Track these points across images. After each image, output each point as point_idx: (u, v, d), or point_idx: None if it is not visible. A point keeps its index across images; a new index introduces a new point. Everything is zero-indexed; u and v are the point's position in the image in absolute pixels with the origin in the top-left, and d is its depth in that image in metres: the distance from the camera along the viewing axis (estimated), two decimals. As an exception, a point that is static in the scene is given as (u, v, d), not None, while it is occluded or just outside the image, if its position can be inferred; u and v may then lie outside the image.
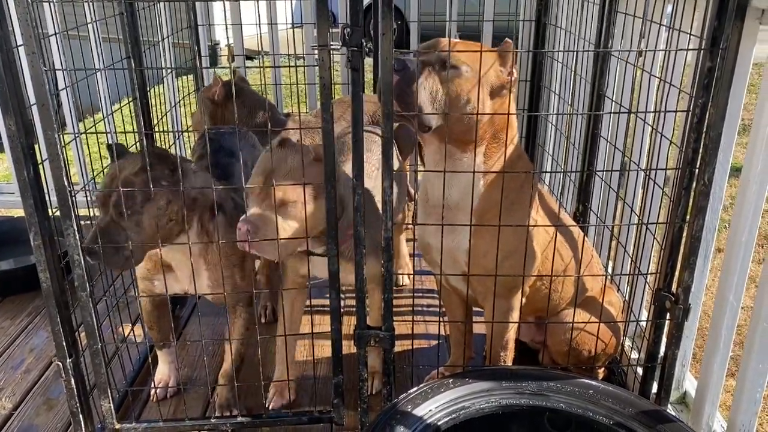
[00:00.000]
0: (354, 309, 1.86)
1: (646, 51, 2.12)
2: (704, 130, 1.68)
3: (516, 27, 3.37)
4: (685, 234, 1.79)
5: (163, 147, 2.38)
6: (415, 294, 2.95)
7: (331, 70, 1.57)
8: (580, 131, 2.65)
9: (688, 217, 1.77)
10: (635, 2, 2.16)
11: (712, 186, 1.73)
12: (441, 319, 2.48)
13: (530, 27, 3.17)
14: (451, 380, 1.80)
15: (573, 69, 2.78)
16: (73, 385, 1.83)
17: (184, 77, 3.64)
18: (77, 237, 1.68)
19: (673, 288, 1.86)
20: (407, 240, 3.16)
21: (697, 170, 1.72)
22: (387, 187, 1.68)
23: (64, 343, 1.79)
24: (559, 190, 3.14)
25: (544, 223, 1.95)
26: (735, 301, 1.79)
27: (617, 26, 2.32)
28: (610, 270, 2.50)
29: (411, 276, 3.03)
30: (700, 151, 1.71)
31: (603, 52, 2.31)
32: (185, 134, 3.40)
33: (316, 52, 1.55)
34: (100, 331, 1.81)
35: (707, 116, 1.67)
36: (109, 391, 1.87)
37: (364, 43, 1.55)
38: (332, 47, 1.54)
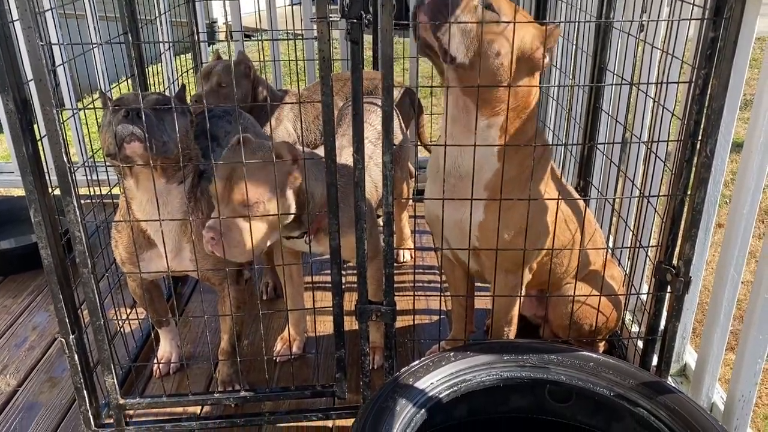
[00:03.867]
0: (355, 285, 1.86)
1: (648, 21, 2.09)
2: (707, 101, 1.67)
3: (516, 0, 3.33)
4: (686, 206, 1.78)
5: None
6: (416, 270, 2.96)
7: (329, 43, 1.55)
8: (581, 105, 2.64)
9: (689, 189, 1.77)
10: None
11: (714, 158, 1.72)
12: (442, 295, 2.49)
13: (531, 0, 3.14)
14: (452, 353, 1.80)
15: (575, 42, 2.75)
16: (77, 361, 1.83)
17: (182, 56, 3.61)
18: (78, 213, 1.68)
19: (674, 261, 1.86)
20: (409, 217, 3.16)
21: (699, 142, 1.71)
22: (387, 161, 1.67)
23: (67, 320, 1.79)
24: (560, 165, 3.13)
25: (553, 198, 1.94)
26: (736, 273, 1.79)
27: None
28: (611, 245, 2.50)
29: (412, 253, 3.04)
30: (702, 122, 1.69)
31: (604, 22, 2.28)
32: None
33: (314, 26, 1.53)
34: (103, 308, 1.82)
35: (710, 87, 1.66)
36: (112, 366, 1.87)
37: (364, 15, 1.53)
38: (331, 19, 1.52)
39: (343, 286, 2.62)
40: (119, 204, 1.94)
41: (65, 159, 1.62)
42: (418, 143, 3.28)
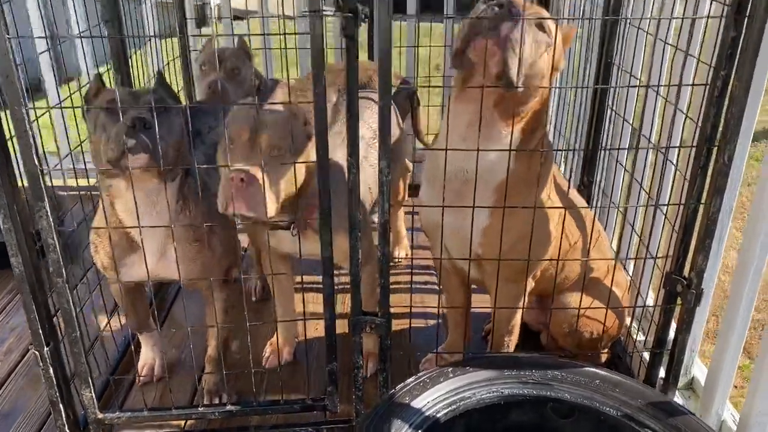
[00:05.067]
0: (349, 286, 1.75)
1: (660, 19, 1.98)
2: (726, 104, 1.57)
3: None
4: (700, 215, 1.68)
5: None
6: (412, 270, 2.85)
7: (323, 37, 1.43)
8: (586, 103, 2.53)
9: (704, 197, 1.66)
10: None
11: (732, 165, 1.61)
12: (440, 298, 2.38)
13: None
14: (450, 369, 1.70)
15: (579, 35, 2.64)
16: (52, 374, 1.72)
17: (169, 39, 3.43)
18: (50, 220, 1.56)
19: (686, 271, 1.76)
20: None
21: (716, 148, 1.61)
22: (384, 167, 1.56)
23: (41, 331, 1.68)
24: (563, 159, 3.02)
25: (557, 202, 1.83)
26: (751, 292, 1.68)
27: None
28: (616, 248, 2.40)
29: (407, 251, 2.93)
30: (720, 127, 1.59)
31: (616, 19, 2.17)
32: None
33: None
34: (78, 319, 1.71)
35: (729, 89, 1.55)
36: (90, 380, 1.77)
37: (360, 9, 1.41)
38: (324, 13, 1.40)
39: (337, 287, 2.51)
40: (99, 205, 1.82)
41: (36, 161, 1.50)
42: (417, 139, 3.15)
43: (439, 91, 3.73)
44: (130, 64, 2.39)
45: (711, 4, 1.66)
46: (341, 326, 1.88)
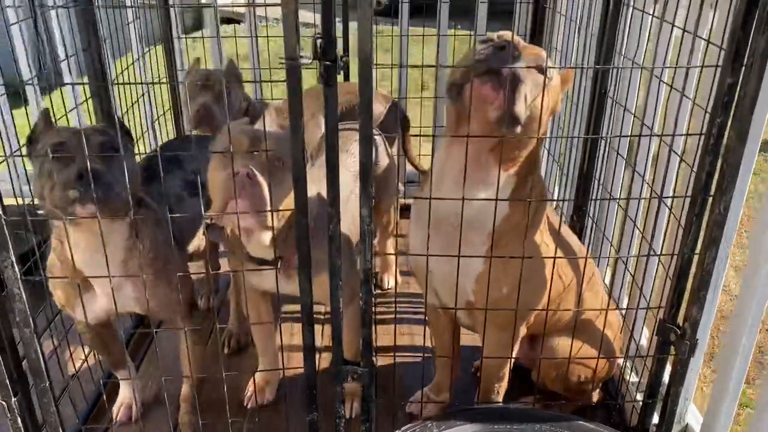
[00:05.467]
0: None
1: (653, 68, 1.91)
2: (721, 153, 1.50)
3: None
4: (695, 265, 1.62)
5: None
6: (400, 299, 2.77)
7: (300, 86, 1.36)
8: (581, 130, 2.47)
9: (698, 247, 1.60)
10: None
11: (728, 214, 1.55)
12: (425, 330, 2.32)
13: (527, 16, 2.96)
14: (435, 423, 1.65)
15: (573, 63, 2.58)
16: (20, 425, 1.66)
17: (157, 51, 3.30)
18: (15, 270, 1.49)
19: (679, 320, 1.70)
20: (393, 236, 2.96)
21: (711, 198, 1.54)
22: (366, 215, 1.50)
23: (8, 382, 1.61)
24: (556, 183, 2.96)
25: (552, 244, 1.77)
26: (747, 343, 1.62)
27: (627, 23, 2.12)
28: (608, 284, 2.33)
29: (397, 277, 2.86)
30: (716, 176, 1.53)
31: (610, 68, 2.11)
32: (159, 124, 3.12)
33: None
34: (48, 367, 1.64)
35: (725, 139, 1.49)
36: (60, 429, 1.70)
37: (339, 57, 1.34)
38: (302, 61, 1.33)
39: (324, 315, 2.42)
40: (52, 243, 1.74)
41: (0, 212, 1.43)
42: (408, 161, 3.08)
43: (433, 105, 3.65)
44: (110, 87, 2.31)
45: (707, 47, 1.60)
46: (326, 359, 1.78)
